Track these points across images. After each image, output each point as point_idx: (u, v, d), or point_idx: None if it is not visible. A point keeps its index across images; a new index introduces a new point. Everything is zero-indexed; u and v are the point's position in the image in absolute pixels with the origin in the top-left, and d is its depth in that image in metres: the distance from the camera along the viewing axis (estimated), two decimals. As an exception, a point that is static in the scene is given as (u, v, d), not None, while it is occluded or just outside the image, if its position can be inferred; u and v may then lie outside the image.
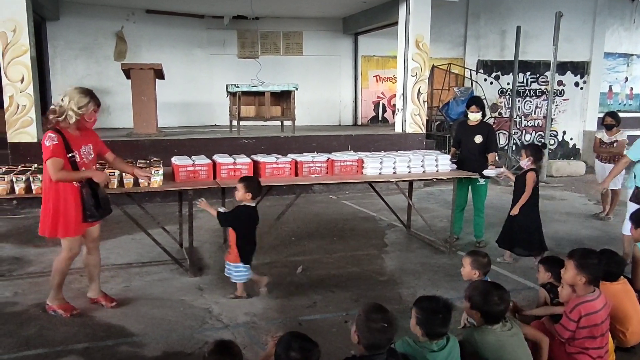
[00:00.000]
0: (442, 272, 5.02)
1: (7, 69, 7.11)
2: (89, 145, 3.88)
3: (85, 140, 3.86)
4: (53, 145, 3.61)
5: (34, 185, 4.22)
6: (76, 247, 3.90)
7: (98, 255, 4.16)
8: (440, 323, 2.54)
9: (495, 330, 2.74)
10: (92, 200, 3.77)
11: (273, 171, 5.12)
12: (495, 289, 2.79)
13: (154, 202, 7.50)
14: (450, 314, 2.59)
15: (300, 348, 2.33)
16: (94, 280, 4.16)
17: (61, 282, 3.98)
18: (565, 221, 7.15)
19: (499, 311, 2.75)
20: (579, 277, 3.05)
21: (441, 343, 2.57)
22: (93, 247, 4.09)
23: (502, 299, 2.75)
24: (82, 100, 3.73)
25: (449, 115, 10.75)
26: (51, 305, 3.97)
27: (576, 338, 3.04)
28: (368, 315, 2.39)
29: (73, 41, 10.43)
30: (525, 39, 11.46)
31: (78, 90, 3.77)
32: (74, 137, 3.76)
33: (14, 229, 6.45)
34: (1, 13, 7.02)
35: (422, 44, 9.14)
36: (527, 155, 5.19)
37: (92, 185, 3.80)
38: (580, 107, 12.94)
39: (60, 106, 3.69)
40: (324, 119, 12.09)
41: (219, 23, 11.25)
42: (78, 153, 3.75)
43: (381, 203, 6.64)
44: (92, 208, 3.77)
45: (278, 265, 5.17)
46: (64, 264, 3.90)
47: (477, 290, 2.80)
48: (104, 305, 4.12)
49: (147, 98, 8.34)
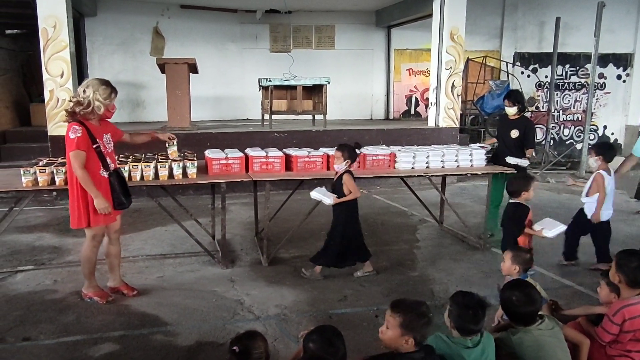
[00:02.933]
0: (475, 269, 4.93)
1: (48, 64, 7.32)
2: (109, 135, 3.93)
3: (105, 129, 3.91)
4: (77, 138, 3.64)
5: (73, 177, 4.33)
6: (99, 236, 3.97)
7: (119, 246, 4.22)
8: (471, 319, 2.48)
9: (532, 330, 2.65)
10: (120, 188, 3.83)
11: (305, 165, 5.11)
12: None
13: (187, 195, 7.63)
14: (484, 312, 2.51)
15: (326, 343, 2.33)
16: (114, 270, 4.22)
17: (92, 270, 4.06)
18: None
19: (526, 313, 2.66)
20: (617, 277, 2.98)
21: (476, 339, 2.52)
22: (114, 238, 4.14)
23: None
24: (106, 91, 3.75)
25: (484, 109, 10.52)
26: (87, 293, 4.09)
27: (619, 341, 2.93)
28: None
29: (110, 36, 10.69)
30: (565, 30, 11.09)
31: (99, 82, 3.76)
32: (95, 128, 3.80)
33: (53, 219, 6.66)
34: (42, 10, 7.22)
35: (457, 36, 8.95)
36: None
37: (120, 174, 3.87)
38: (622, 100, 12.45)
39: (84, 97, 3.69)
40: (355, 113, 12.02)
41: (252, 17, 11.30)
42: (102, 143, 3.80)
43: (413, 198, 6.55)
44: (120, 196, 3.84)
45: (309, 259, 5.16)
46: (89, 252, 3.97)
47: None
48: (125, 294, 4.18)
49: (181, 92, 8.46)
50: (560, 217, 5.13)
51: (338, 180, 4.51)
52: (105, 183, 3.81)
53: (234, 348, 2.31)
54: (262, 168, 5.03)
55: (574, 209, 5.00)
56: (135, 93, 10.93)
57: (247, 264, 4.98)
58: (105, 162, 3.80)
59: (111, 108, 3.85)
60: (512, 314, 2.71)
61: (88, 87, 3.72)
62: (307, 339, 2.38)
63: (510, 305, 2.70)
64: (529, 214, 4.26)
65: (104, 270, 4.49)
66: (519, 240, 4.17)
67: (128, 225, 6.39)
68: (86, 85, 3.74)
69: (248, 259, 5.13)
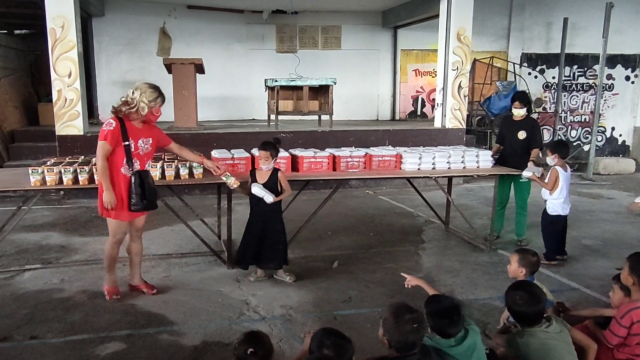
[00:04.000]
0: (481, 271, 4.91)
1: (56, 64, 7.37)
2: (149, 139, 4.00)
3: (146, 133, 3.99)
4: (108, 131, 3.78)
5: (81, 177, 4.37)
6: (119, 233, 4.04)
7: (140, 244, 4.29)
8: (447, 325, 2.47)
9: (538, 332, 2.64)
10: (139, 189, 3.88)
11: (311, 165, 5.12)
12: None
13: (193, 195, 7.65)
14: (459, 315, 2.48)
15: (334, 344, 2.32)
16: (134, 268, 4.28)
17: (111, 265, 4.14)
18: (614, 221, 6.85)
19: (531, 312, 2.65)
20: (631, 279, 2.96)
21: (459, 336, 2.50)
22: (136, 236, 4.22)
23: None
24: (153, 95, 3.87)
25: (491, 110, 10.49)
26: (104, 286, 4.19)
27: (627, 345, 2.91)
28: (397, 317, 2.32)
29: (117, 37, 10.74)
30: (573, 31, 11.03)
31: (148, 85, 3.91)
32: (134, 128, 3.90)
33: (60, 219, 6.70)
34: (50, 10, 7.27)
35: (464, 36, 8.93)
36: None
37: (142, 175, 3.92)
38: (630, 102, 12.36)
39: (132, 98, 3.84)
40: (361, 114, 12.01)
41: (258, 18, 11.33)
42: (135, 143, 3.88)
43: (419, 199, 6.55)
44: (137, 198, 3.88)
45: (314, 260, 5.18)
46: (109, 247, 4.08)
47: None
48: (145, 292, 4.24)
49: (187, 92, 8.50)
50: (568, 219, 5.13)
51: (272, 178, 4.38)
52: (125, 181, 3.88)
53: (244, 349, 2.32)
54: (268, 168, 5.03)
55: (580, 212, 5.01)
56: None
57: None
58: (130, 161, 3.86)
59: (156, 112, 3.96)
60: (516, 313, 2.70)
61: (137, 89, 3.87)
62: (318, 344, 2.35)
63: (514, 305, 2.69)
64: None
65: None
66: None
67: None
68: (135, 87, 3.90)
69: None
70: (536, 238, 5.38)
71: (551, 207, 5.03)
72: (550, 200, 5.04)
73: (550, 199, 5.02)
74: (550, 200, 5.02)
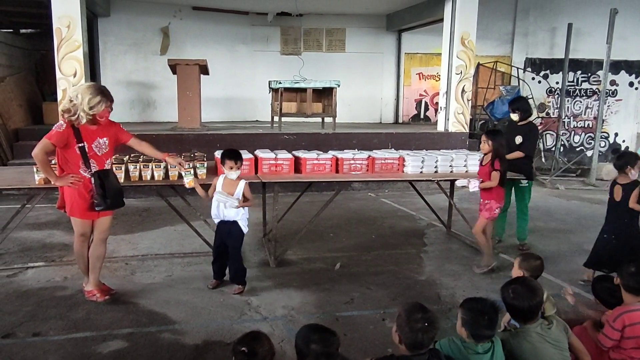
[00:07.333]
0: (483, 274, 4.91)
1: (61, 63, 7.42)
2: (105, 139, 3.90)
3: (102, 133, 3.88)
4: (57, 132, 3.71)
5: (85, 175, 4.37)
6: (82, 230, 3.96)
7: (103, 248, 4.06)
8: (486, 325, 2.46)
9: (532, 333, 2.64)
10: (99, 190, 3.83)
11: (314, 167, 5.13)
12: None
13: (196, 195, 7.63)
14: (496, 316, 2.50)
15: (321, 339, 2.34)
16: (93, 273, 4.06)
17: (86, 265, 4.04)
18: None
19: (526, 307, 2.63)
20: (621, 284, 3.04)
21: (486, 346, 2.51)
22: (99, 239, 4.03)
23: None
24: (93, 101, 3.70)
25: (494, 115, 10.50)
26: (88, 290, 4.09)
27: (622, 348, 2.92)
28: (409, 314, 2.35)
29: (123, 37, 10.79)
30: (577, 36, 11.04)
31: (89, 90, 3.73)
32: (88, 129, 3.80)
33: (63, 217, 6.65)
34: (56, 9, 7.32)
35: (468, 41, 8.95)
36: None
37: (101, 175, 3.86)
38: (634, 108, 12.37)
39: (74, 105, 3.72)
40: (365, 117, 12.04)
41: (263, 20, 11.37)
42: (89, 144, 3.80)
43: (421, 202, 6.55)
44: (100, 198, 3.84)
45: (316, 261, 5.18)
46: (77, 247, 4.02)
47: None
48: (96, 299, 4.03)
49: (192, 93, 8.53)
50: (569, 224, 5.12)
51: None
52: (85, 182, 3.84)
53: (243, 349, 2.33)
54: (271, 170, 5.06)
55: (582, 216, 4.99)
56: (146, 93, 11.02)
57: (254, 264, 5.00)
58: (87, 162, 3.81)
59: (100, 116, 3.80)
60: (511, 307, 2.68)
61: (78, 94, 3.73)
62: (304, 342, 2.36)
63: (509, 299, 2.67)
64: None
65: (113, 268, 4.53)
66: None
67: (137, 224, 6.45)
68: (76, 92, 3.76)
69: (256, 260, 5.15)
70: (537, 242, 5.37)
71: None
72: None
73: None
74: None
